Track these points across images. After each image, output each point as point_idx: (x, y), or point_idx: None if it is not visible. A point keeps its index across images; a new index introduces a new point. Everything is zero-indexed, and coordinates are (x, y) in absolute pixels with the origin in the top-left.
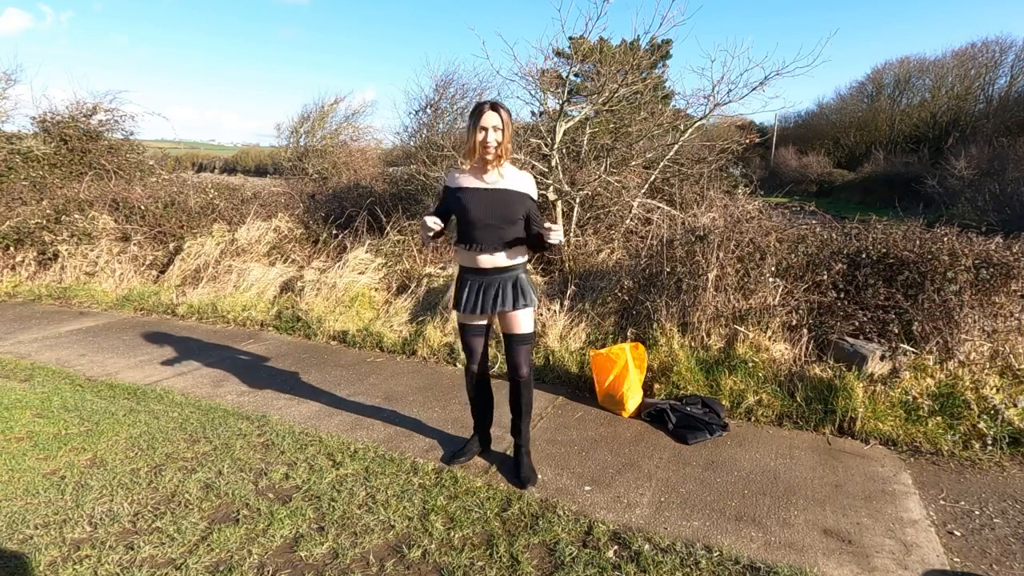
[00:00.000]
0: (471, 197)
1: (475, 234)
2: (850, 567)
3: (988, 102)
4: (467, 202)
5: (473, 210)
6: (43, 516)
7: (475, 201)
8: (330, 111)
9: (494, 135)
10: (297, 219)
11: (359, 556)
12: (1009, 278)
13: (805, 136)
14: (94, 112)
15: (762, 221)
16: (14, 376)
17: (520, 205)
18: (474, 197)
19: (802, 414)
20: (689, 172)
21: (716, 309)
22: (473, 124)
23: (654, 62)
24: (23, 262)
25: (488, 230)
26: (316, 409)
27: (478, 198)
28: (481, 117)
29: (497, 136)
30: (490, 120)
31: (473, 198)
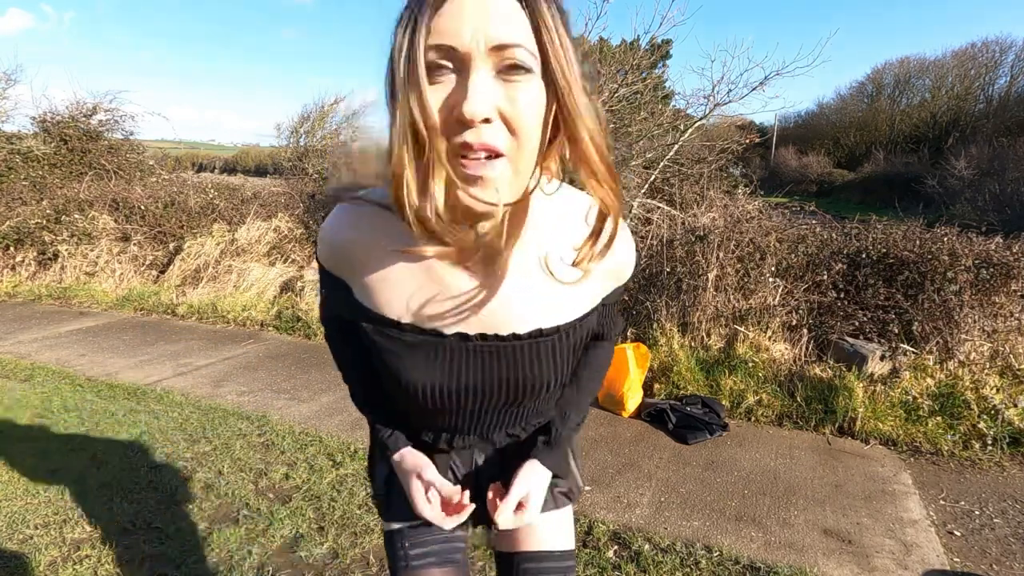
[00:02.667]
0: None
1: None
2: (850, 567)
3: (988, 102)
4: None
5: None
6: (43, 516)
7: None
8: (330, 111)
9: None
10: (297, 219)
11: (359, 556)
12: (1009, 278)
13: (805, 136)
14: (94, 112)
15: (762, 221)
16: (14, 376)
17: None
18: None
19: (802, 414)
20: (689, 172)
21: (716, 309)
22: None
23: (654, 62)
24: (23, 262)
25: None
26: (316, 409)
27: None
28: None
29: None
30: (469, 14)
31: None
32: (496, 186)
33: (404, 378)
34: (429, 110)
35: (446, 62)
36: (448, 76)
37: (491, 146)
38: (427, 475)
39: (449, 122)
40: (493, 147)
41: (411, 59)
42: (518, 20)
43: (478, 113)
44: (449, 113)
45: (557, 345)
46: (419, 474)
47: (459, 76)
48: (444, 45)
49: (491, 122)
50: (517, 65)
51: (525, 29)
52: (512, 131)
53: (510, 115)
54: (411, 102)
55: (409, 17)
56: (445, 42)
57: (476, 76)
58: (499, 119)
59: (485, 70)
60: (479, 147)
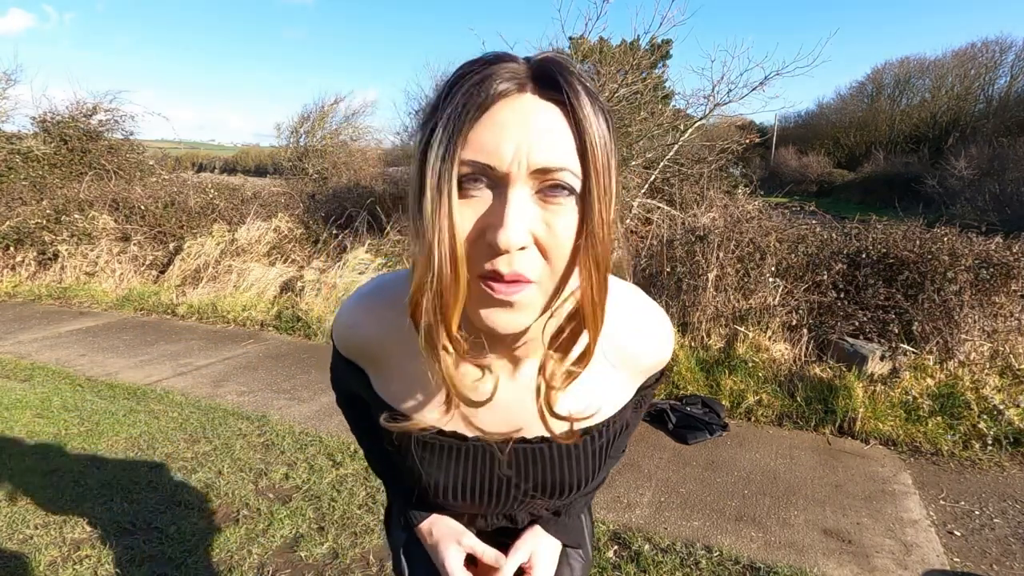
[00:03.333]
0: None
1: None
2: (850, 567)
3: (988, 102)
4: (418, 451)
5: (444, 477)
6: (43, 516)
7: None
8: (330, 111)
9: (523, 213)
10: (297, 219)
11: (359, 556)
12: (1009, 278)
13: (805, 136)
14: (94, 112)
15: (762, 221)
16: (14, 376)
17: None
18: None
19: (802, 414)
20: (689, 172)
21: (716, 309)
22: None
23: (654, 62)
24: (23, 262)
25: (500, 509)
26: (316, 409)
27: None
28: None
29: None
30: (513, 130)
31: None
32: (526, 311)
33: (424, 477)
34: (457, 240)
35: (481, 177)
36: (482, 191)
37: (523, 276)
38: (466, 541)
39: (479, 243)
40: (525, 276)
41: (443, 174)
42: (564, 139)
43: (514, 244)
44: (480, 234)
45: (589, 445)
46: (458, 540)
47: (494, 193)
48: (481, 163)
49: (526, 249)
50: (560, 185)
51: (571, 149)
52: (546, 257)
53: (546, 242)
54: (437, 228)
55: (444, 125)
56: (482, 160)
57: (514, 200)
58: (534, 245)
59: (524, 192)
60: (510, 277)
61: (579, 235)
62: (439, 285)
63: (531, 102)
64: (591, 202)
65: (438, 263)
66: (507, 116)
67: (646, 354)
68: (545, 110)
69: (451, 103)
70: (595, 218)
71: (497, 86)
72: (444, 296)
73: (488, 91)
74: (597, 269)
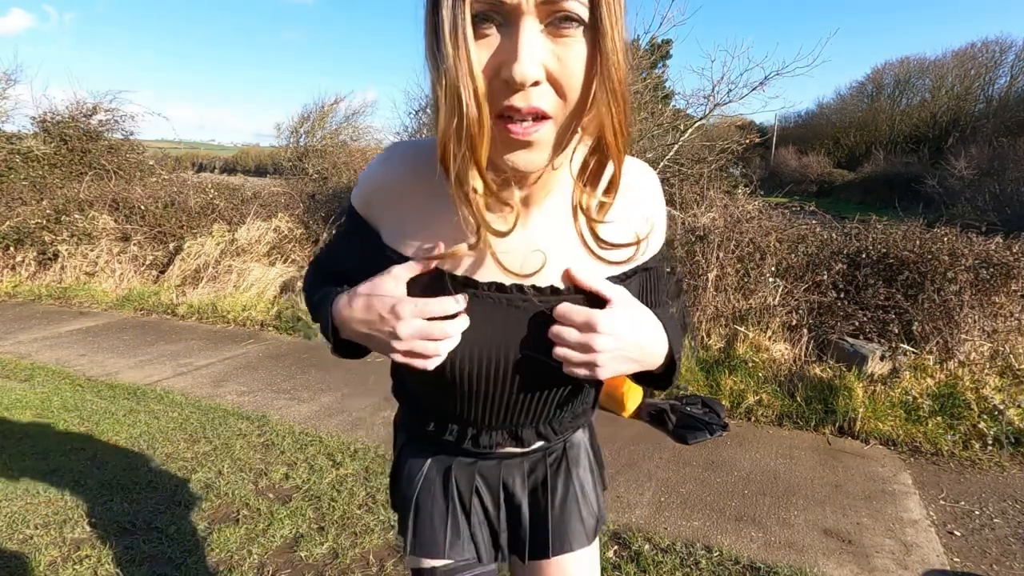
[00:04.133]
0: None
1: (464, 406)
2: (850, 567)
3: (988, 102)
4: None
5: (463, 346)
6: (43, 516)
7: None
8: (330, 111)
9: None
10: (297, 219)
11: (359, 556)
12: (1009, 278)
13: (805, 136)
14: (94, 112)
15: (762, 221)
16: (14, 376)
17: None
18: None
19: (802, 414)
20: (689, 172)
21: (716, 309)
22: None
23: (654, 62)
24: (23, 262)
25: (502, 399)
26: (316, 409)
27: (482, 311)
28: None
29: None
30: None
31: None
32: (543, 149)
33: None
34: (478, 78)
35: (492, 13)
36: (492, 30)
37: (540, 110)
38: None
39: (495, 83)
40: (542, 111)
41: (457, 16)
42: None
43: (528, 76)
44: (495, 73)
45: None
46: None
47: (505, 30)
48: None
49: (540, 84)
50: (568, 17)
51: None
52: (559, 92)
53: (559, 75)
54: (458, 68)
55: None
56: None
57: (525, 33)
58: (547, 79)
59: (534, 24)
60: (527, 111)
61: (592, 66)
62: (467, 125)
63: None
64: (602, 30)
65: (465, 103)
66: None
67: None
68: None
69: None
70: (607, 45)
71: None
72: (473, 136)
73: None
74: (615, 97)
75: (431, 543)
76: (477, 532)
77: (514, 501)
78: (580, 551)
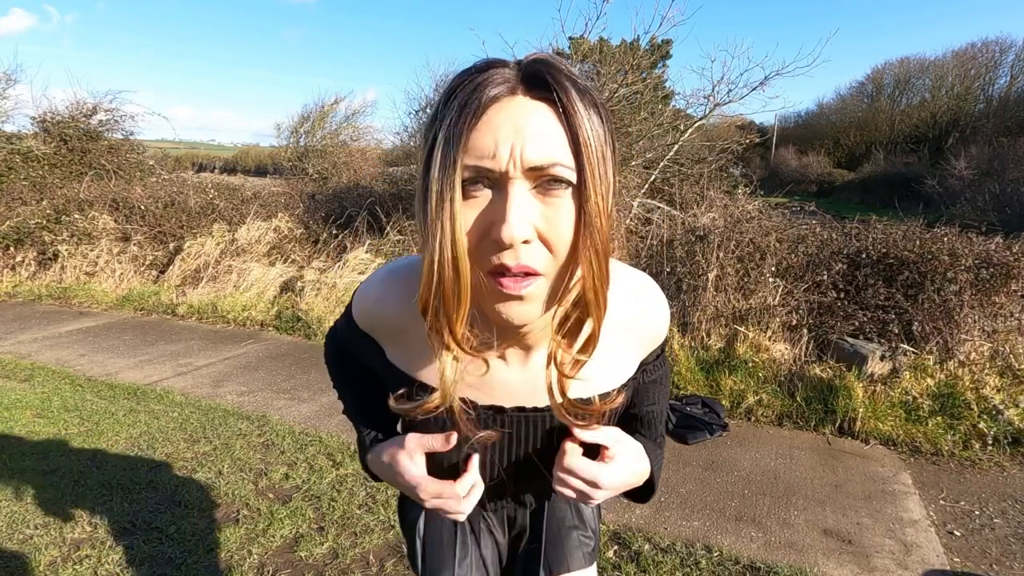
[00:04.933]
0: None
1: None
2: (850, 567)
3: (988, 102)
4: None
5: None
6: (43, 516)
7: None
8: (330, 111)
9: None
10: (297, 219)
11: (359, 556)
12: (1009, 278)
13: (805, 136)
14: (94, 112)
15: (762, 221)
16: (14, 376)
17: None
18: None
19: (802, 414)
20: (689, 172)
21: (716, 309)
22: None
23: (654, 62)
24: (23, 262)
25: (507, 484)
26: (316, 409)
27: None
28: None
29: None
30: (505, 134)
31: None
32: (535, 302)
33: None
34: (459, 245)
35: (482, 179)
36: (484, 192)
37: (530, 268)
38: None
39: (485, 242)
40: (532, 268)
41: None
42: (555, 136)
43: (517, 237)
44: (485, 232)
45: None
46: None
47: (495, 193)
48: (480, 167)
49: (530, 243)
50: (556, 179)
51: (564, 145)
52: (550, 249)
53: (548, 235)
54: (441, 234)
55: (444, 133)
56: (481, 164)
57: (513, 196)
58: (537, 238)
59: (523, 188)
60: (517, 270)
61: (578, 225)
62: (441, 288)
63: (521, 104)
64: (587, 194)
65: (439, 265)
66: (500, 120)
67: (659, 323)
68: (535, 110)
69: (449, 112)
70: (591, 208)
71: (489, 92)
72: (447, 299)
73: (481, 98)
74: (597, 257)
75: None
76: (485, 552)
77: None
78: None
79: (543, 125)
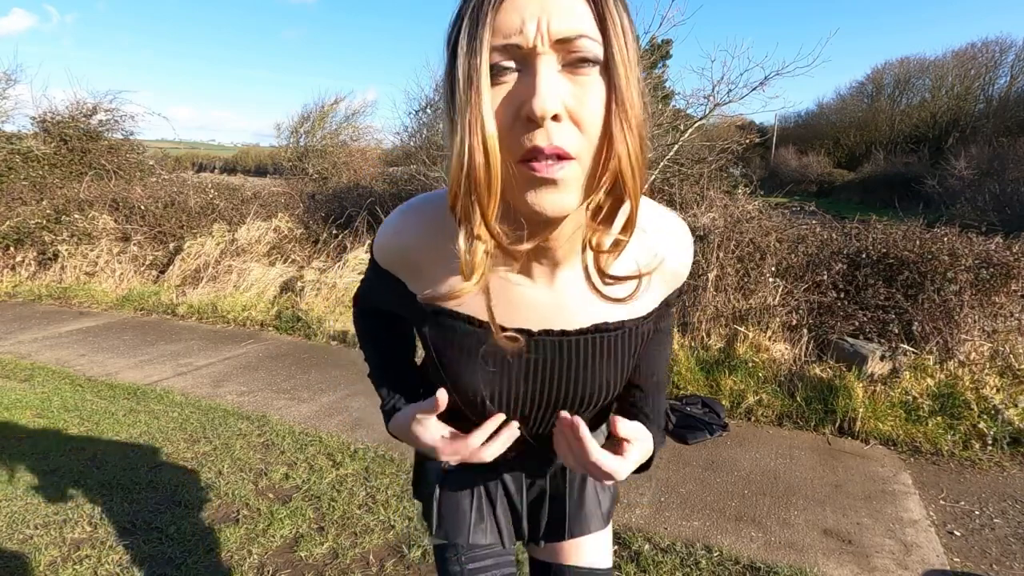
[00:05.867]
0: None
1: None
2: (850, 567)
3: (988, 102)
4: (456, 348)
5: (481, 375)
6: (43, 516)
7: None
8: (330, 111)
9: (553, 82)
10: (297, 219)
11: (359, 556)
12: (1009, 278)
13: (805, 136)
14: (94, 112)
15: (762, 221)
16: (14, 376)
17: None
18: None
19: (802, 414)
20: (689, 172)
21: (716, 309)
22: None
23: (654, 62)
24: (23, 262)
25: (528, 422)
26: (316, 409)
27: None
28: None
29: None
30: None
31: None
32: (570, 189)
33: (461, 378)
34: (487, 127)
35: (510, 62)
36: (512, 76)
37: (563, 149)
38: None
39: (516, 123)
40: (565, 150)
41: (471, 66)
42: (582, 10)
43: (548, 110)
44: (516, 113)
45: (619, 343)
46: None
47: (523, 73)
48: (508, 44)
49: (560, 120)
50: (584, 58)
51: (589, 19)
52: (581, 130)
53: (579, 112)
54: (469, 116)
55: (469, 16)
56: (508, 41)
57: (542, 71)
58: (568, 117)
59: (551, 64)
60: (550, 151)
61: (610, 104)
62: (472, 174)
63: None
64: (615, 68)
65: (469, 152)
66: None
67: (673, 255)
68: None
69: (471, 1)
70: (622, 82)
71: None
72: (478, 185)
73: None
74: (632, 133)
75: (457, 525)
76: (501, 517)
77: (536, 486)
78: (596, 532)
79: (568, 1)
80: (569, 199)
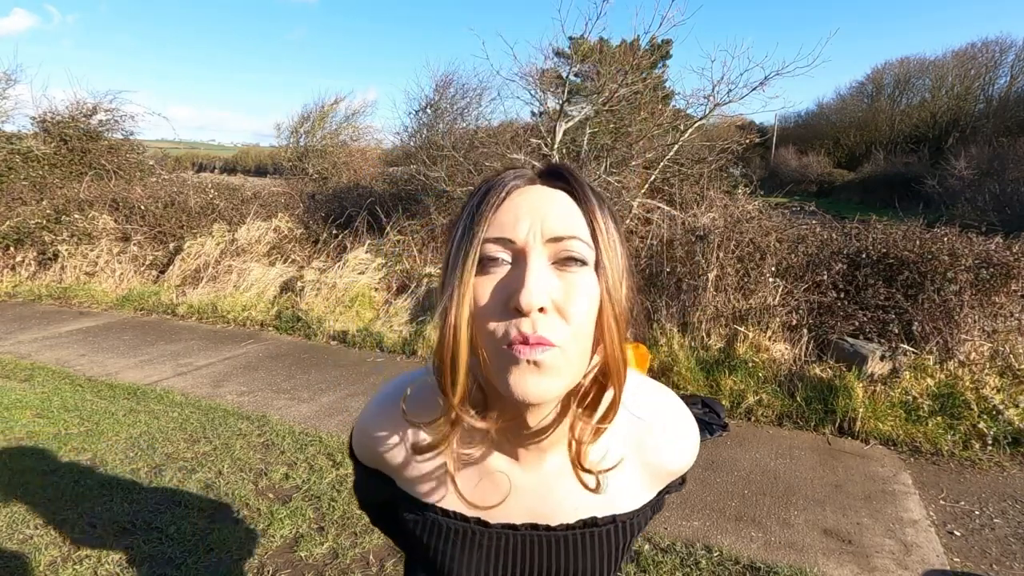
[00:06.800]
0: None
1: None
2: (850, 567)
3: (988, 102)
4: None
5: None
6: (43, 516)
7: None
8: (330, 111)
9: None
10: (297, 219)
11: (359, 556)
12: (1009, 278)
13: (805, 136)
14: (94, 112)
15: (762, 221)
16: (14, 376)
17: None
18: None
19: (802, 414)
20: (689, 172)
21: (716, 309)
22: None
23: (654, 62)
24: (23, 262)
25: None
26: (316, 409)
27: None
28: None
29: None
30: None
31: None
32: (552, 375)
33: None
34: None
35: (504, 254)
36: (505, 267)
37: (546, 339)
38: None
39: (504, 310)
40: (548, 340)
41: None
42: (573, 213)
43: (534, 303)
44: (505, 301)
45: (609, 536)
46: None
47: (515, 266)
48: (502, 238)
49: (546, 312)
50: (574, 257)
51: (580, 221)
52: (567, 322)
53: (565, 306)
54: (455, 302)
55: (466, 215)
56: (503, 235)
57: (533, 265)
58: (554, 310)
59: (541, 260)
60: (535, 340)
61: (600, 302)
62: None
63: (542, 190)
64: (604, 267)
65: (447, 329)
66: (520, 201)
67: (674, 460)
68: (555, 194)
69: (472, 201)
70: (610, 281)
71: (510, 182)
72: (454, 361)
73: (503, 187)
74: (617, 326)
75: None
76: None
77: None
78: None
79: (562, 205)
80: (552, 384)
